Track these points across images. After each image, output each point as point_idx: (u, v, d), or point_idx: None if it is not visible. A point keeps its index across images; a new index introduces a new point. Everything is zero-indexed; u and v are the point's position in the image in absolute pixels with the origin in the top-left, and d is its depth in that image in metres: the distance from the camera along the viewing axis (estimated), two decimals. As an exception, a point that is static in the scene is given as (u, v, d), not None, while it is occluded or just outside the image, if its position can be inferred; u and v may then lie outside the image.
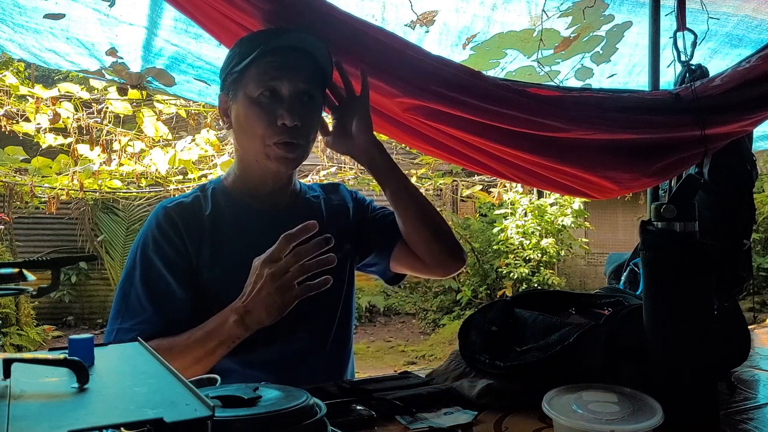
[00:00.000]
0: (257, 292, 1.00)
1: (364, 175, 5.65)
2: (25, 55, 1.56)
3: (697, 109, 1.39)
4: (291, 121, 1.10)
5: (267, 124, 1.11)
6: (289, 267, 0.98)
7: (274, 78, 1.11)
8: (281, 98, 1.12)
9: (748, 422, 0.90)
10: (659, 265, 0.89)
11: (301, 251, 0.98)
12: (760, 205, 7.60)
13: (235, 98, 1.15)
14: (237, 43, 1.16)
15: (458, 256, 1.30)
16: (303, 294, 1.00)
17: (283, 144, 1.12)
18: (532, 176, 1.59)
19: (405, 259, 1.32)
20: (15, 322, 6.28)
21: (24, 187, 4.56)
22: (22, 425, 0.46)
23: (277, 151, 1.13)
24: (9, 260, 0.83)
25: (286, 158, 1.14)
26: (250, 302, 1.01)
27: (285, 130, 1.11)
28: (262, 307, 1.00)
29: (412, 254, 1.29)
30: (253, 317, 1.01)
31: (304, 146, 1.16)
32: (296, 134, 1.12)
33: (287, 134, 1.12)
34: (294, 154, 1.14)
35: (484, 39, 1.80)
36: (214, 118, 4.57)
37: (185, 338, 1.05)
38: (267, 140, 1.12)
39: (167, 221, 1.14)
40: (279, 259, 0.99)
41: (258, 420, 0.65)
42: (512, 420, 0.90)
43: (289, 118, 1.10)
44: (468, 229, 8.43)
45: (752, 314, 6.86)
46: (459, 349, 1.10)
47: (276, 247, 0.99)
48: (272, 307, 0.99)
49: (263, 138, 1.12)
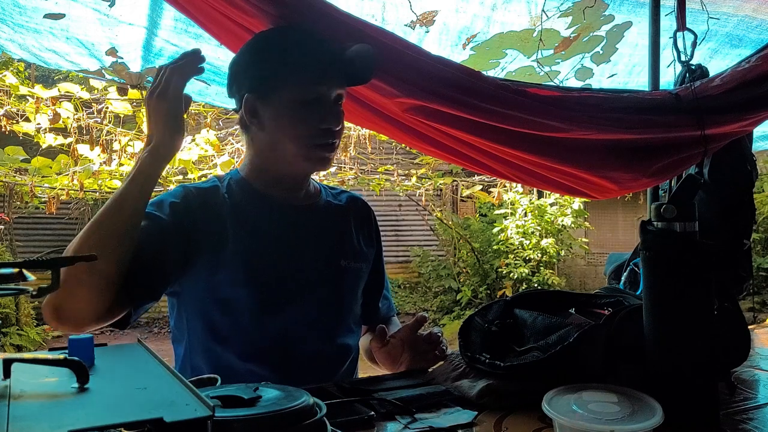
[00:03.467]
0: (148, 117, 1.05)
1: (364, 175, 5.66)
2: (25, 55, 1.56)
3: (697, 109, 1.39)
4: (336, 124, 1.15)
5: (311, 127, 1.14)
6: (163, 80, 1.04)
7: (321, 83, 1.14)
8: (325, 102, 1.15)
9: (748, 422, 0.90)
10: (659, 265, 0.89)
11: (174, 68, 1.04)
12: (760, 205, 7.60)
13: (270, 99, 1.14)
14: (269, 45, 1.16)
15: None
16: (176, 81, 1.03)
17: (324, 146, 1.16)
18: (532, 176, 1.59)
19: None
20: (15, 322, 6.27)
21: (24, 187, 4.56)
22: (22, 425, 0.46)
23: (318, 152, 1.16)
24: (9, 260, 0.83)
25: (325, 159, 1.17)
26: (149, 129, 1.05)
27: (329, 133, 1.15)
28: (155, 124, 1.03)
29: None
30: (154, 140, 1.03)
31: (337, 147, 1.20)
32: (335, 136, 1.17)
33: (330, 136, 1.15)
34: (331, 155, 1.19)
35: (484, 39, 1.80)
36: (214, 118, 4.58)
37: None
38: (309, 142, 1.14)
39: (182, 196, 1.14)
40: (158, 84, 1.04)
41: (258, 420, 0.65)
42: (512, 420, 0.90)
43: (335, 121, 1.15)
44: (468, 229, 8.43)
45: (752, 314, 6.86)
46: (459, 349, 1.10)
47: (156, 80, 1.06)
48: (161, 120, 1.03)
49: (306, 139, 1.14)
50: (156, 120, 1.04)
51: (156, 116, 1.04)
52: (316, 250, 1.22)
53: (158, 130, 1.03)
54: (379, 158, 6.09)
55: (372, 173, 5.77)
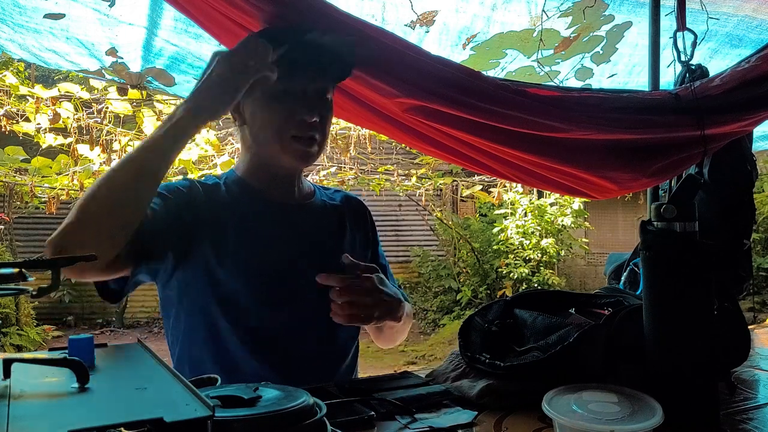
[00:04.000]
0: (208, 75, 1.02)
1: (364, 175, 5.65)
2: (25, 55, 1.56)
3: (697, 109, 1.39)
4: (310, 116, 1.13)
5: (285, 120, 1.13)
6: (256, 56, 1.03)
7: (293, 75, 1.12)
8: (300, 94, 1.14)
9: (748, 422, 0.90)
10: (659, 265, 0.89)
11: (259, 48, 1.03)
12: (760, 205, 7.60)
13: (250, 94, 1.14)
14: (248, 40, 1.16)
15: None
16: (259, 71, 1.03)
17: (301, 138, 1.14)
18: (532, 176, 1.59)
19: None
20: (15, 322, 6.27)
21: (24, 187, 4.56)
22: (22, 425, 0.46)
23: (296, 145, 1.14)
24: (9, 260, 0.83)
25: (304, 153, 1.16)
26: (202, 85, 1.02)
27: (304, 125, 1.13)
28: (209, 89, 1.02)
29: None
30: (199, 100, 1.02)
31: (321, 142, 1.18)
32: (314, 130, 1.15)
33: (306, 129, 1.14)
34: (311, 149, 1.16)
35: (484, 39, 1.80)
36: (214, 118, 4.56)
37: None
38: (285, 134, 1.14)
39: (188, 187, 1.15)
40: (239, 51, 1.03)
41: (258, 420, 0.65)
42: (512, 420, 0.90)
43: (308, 113, 1.12)
44: (468, 229, 8.43)
45: (752, 314, 6.86)
46: (459, 349, 1.10)
47: (241, 43, 1.05)
48: (218, 89, 1.01)
49: (281, 132, 1.14)
50: (215, 86, 1.02)
51: (217, 78, 1.02)
52: (313, 247, 1.22)
53: (208, 99, 1.02)
54: (379, 158, 6.09)
55: (372, 173, 5.77)
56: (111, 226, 0.95)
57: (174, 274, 1.12)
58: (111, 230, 0.95)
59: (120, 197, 0.96)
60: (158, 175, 1.00)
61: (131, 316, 8.16)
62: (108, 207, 0.95)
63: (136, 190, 0.98)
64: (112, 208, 0.95)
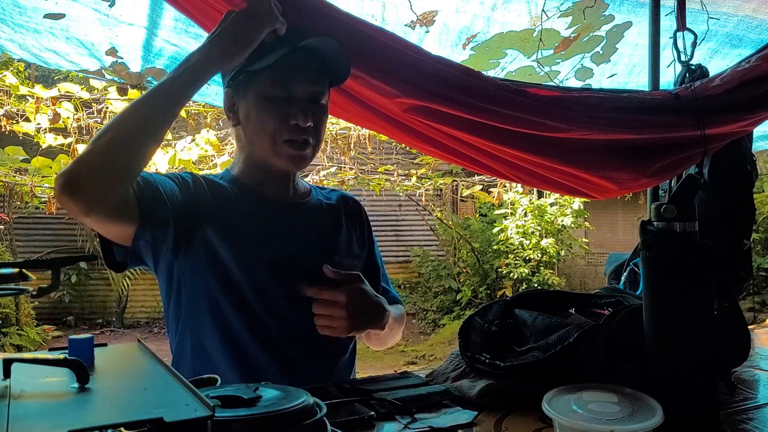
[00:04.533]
0: (223, 27, 1.04)
1: (364, 175, 5.65)
2: (25, 55, 1.56)
3: (697, 109, 1.39)
4: (304, 121, 1.13)
5: (280, 123, 1.13)
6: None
7: (289, 78, 1.13)
8: (295, 98, 1.14)
9: (748, 422, 0.90)
10: (659, 265, 0.89)
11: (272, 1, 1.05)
12: (760, 205, 7.60)
13: (245, 96, 1.15)
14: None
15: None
16: (270, 20, 1.05)
17: (294, 142, 1.14)
18: (532, 176, 1.59)
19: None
20: (15, 322, 6.27)
21: (24, 187, 4.55)
22: (22, 425, 0.46)
23: (288, 149, 1.15)
24: (9, 260, 0.83)
25: (297, 156, 1.16)
26: (216, 35, 1.04)
27: (297, 130, 1.13)
28: (224, 37, 1.03)
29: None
30: (213, 47, 1.04)
31: (314, 146, 1.18)
32: (308, 134, 1.15)
33: (299, 133, 1.14)
34: (305, 153, 1.17)
35: (484, 39, 1.80)
36: (214, 118, 4.58)
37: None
38: (278, 138, 1.14)
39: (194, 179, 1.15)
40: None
41: (258, 420, 0.65)
42: (512, 420, 0.90)
43: (302, 118, 1.13)
44: (468, 229, 8.43)
45: (752, 314, 6.85)
46: (459, 349, 1.10)
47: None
48: (233, 38, 1.03)
49: (274, 136, 1.14)
50: (235, 30, 1.03)
51: (231, 27, 1.04)
52: (309, 245, 1.22)
53: (227, 41, 1.03)
54: (379, 158, 6.09)
55: (372, 173, 5.76)
56: (121, 161, 0.97)
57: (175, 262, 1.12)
58: (120, 165, 0.97)
59: (131, 135, 0.98)
60: (166, 117, 1.02)
61: (131, 317, 8.15)
62: (119, 142, 0.97)
63: (144, 131, 1.00)
64: (123, 143, 0.97)
